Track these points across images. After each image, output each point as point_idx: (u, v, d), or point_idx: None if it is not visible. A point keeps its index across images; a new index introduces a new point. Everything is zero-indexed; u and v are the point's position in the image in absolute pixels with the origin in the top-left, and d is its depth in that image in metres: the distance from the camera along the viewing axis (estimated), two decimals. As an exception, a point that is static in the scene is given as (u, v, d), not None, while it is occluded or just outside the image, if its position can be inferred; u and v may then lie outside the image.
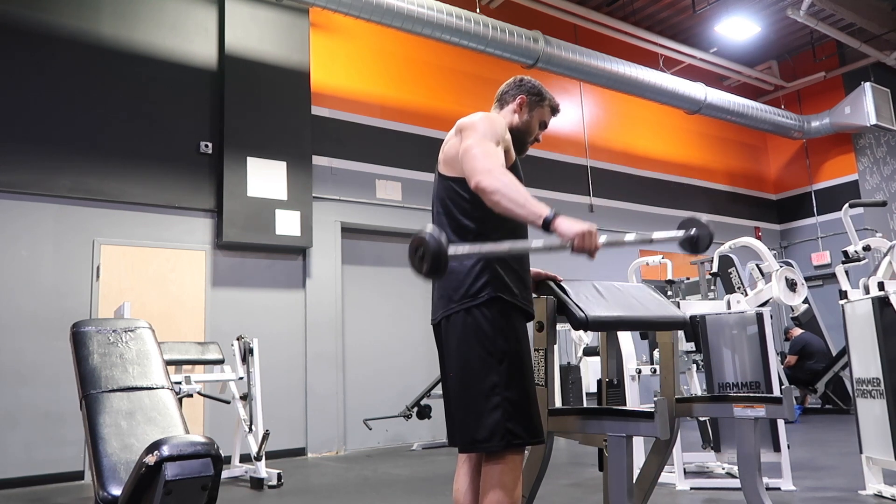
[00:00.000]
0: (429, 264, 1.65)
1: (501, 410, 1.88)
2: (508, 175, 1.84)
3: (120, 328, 2.57)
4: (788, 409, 2.31)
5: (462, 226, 2.02)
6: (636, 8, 9.06)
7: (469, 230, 2.01)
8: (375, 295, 7.18)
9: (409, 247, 1.71)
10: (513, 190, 1.79)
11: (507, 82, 2.28)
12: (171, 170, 6.00)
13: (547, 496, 3.79)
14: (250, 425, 4.84)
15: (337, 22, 7.14)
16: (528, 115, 2.22)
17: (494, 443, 1.87)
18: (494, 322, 1.93)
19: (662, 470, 2.52)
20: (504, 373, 1.91)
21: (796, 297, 4.79)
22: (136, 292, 5.67)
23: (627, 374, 4.14)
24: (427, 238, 1.65)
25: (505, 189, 1.79)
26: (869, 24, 9.07)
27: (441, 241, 1.65)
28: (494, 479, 1.89)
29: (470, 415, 1.92)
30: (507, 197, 1.78)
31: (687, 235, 2.16)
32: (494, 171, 1.83)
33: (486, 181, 1.81)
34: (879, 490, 3.51)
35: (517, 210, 1.78)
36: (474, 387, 1.92)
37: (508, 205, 1.78)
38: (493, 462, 1.91)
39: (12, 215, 5.32)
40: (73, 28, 5.75)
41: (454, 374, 1.98)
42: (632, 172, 9.62)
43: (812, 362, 7.98)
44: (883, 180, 10.39)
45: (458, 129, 2.05)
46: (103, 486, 2.02)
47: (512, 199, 1.78)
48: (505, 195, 1.78)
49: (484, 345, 1.92)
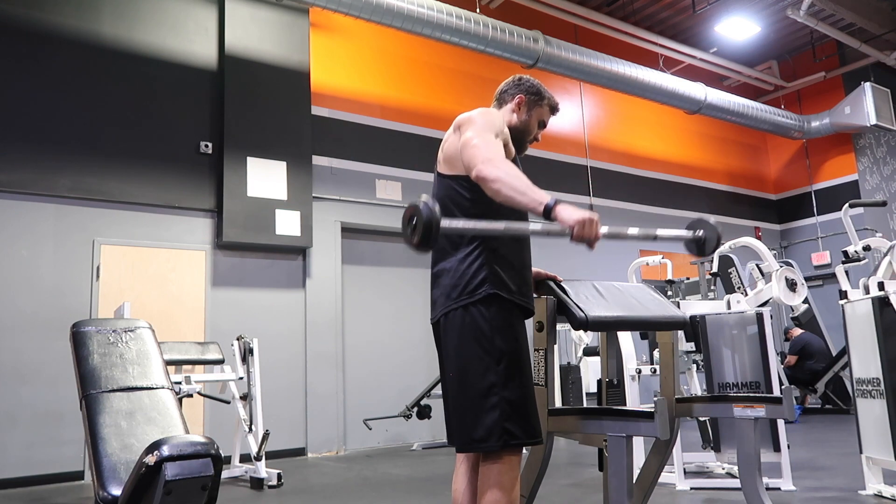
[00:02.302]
0: (420, 234, 1.62)
1: (499, 410, 1.88)
2: (509, 164, 1.84)
3: (120, 328, 2.57)
4: (788, 409, 2.31)
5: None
6: (636, 8, 9.06)
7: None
8: (375, 295, 7.18)
9: (403, 216, 1.69)
10: (514, 178, 1.78)
11: (506, 81, 2.28)
12: (171, 170, 6.00)
13: (547, 496, 3.79)
14: (250, 425, 4.84)
15: (337, 22, 7.14)
16: (527, 115, 2.22)
17: (491, 443, 1.87)
18: (492, 321, 1.93)
19: (662, 470, 2.52)
20: (502, 372, 1.90)
21: (796, 297, 4.79)
22: (136, 292, 5.67)
23: (627, 374, 4.14)
24: (421, 207, 1.63)
25: (506, 177, 1.78)
26: (869, 24, 9.07)
27: (434, 210, 1.62)
28: (492, 479, 1.89)
29: (467, 414, 1.92)
30: (509, 185, 1.77)
31: (694, 236, 2.12)
32: (495, 160, 1.83)
33: (486, 170, 1.81)
34: (879, 490, 3.51)
35: (518, 198, 1.76)
36: (472, 386, 1.91)
37: (509, 192, 1.77)
38: (491, 462, 1.91)
39: (12, 215, 5.32)
40: (73, 28, 5.75)
41: (452, 373, 1.98)
42: (632, 172, 9.62)
43: (812, 362, 7.98)
44: (883, 180, 10.40)
45: (457, 126, 2.04)
46: (103, 486, 2.02)
47: (513, 186, 1.76)
48: (506, 183, 1.77)
49: (482, 344, 1.92)
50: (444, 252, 2.04)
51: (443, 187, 2.08)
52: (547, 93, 2.25)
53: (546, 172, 8.50)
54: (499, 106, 2.25)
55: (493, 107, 2.27)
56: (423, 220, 1.59)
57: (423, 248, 1.64)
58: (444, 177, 2.08)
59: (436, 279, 2.06)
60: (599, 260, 7.87)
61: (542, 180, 9.21)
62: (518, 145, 2.22)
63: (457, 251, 2.00)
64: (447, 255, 2.03)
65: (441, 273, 2.02)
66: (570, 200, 8.66)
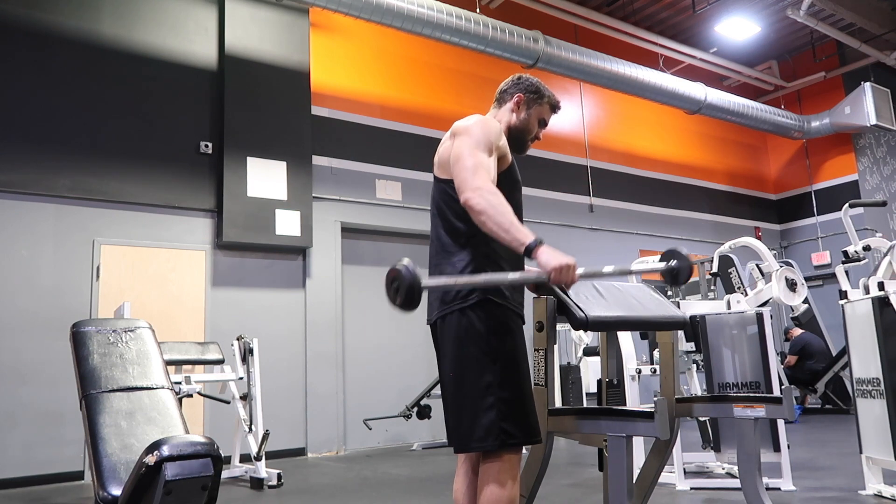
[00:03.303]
0: (402, 297, 1.69)
1: (496, 410, 1.88)
2: (497, 196, 1.86)
3: (120, 328, 2.57)
4: (788, 409, 2.31)
5: (454, 228, 2.03)
6: (636, 8, 9.06)
7: (461, 232, 2.02)
8: (375, 295, 7.18)
9: (386, 278, 1.74)
10: (499, 213, 1.82)
11: (506, 80, 2.28)
12: (171, 170, 6.00)
13: (547, 496, 3.79)
14: (250, 425, 4.84)
15: (337, 22, 7.14)
16: (526, 114, 2.22)
17: (489, 442, 1.88)
18: (487, 322, 1.94)
19: (662, 470, 2.52)
20: (498, 372, 1.91)
21: (796, 297, 4.79)
22: (136, 292, 5.67)
23: (627, 374, 4.14)
24: (402, 271, 1.69)
25: (492, 210, 1.82)
26: (869, 24, 9.07)
27: (415, 274, 1.68)
28: (491, 479, 1.90)
29: (465, 414, 1.92)
30: (494, 220, 1.82)
31: (668, 267, 2.21)
32: (483, 189, 1.85)
33: (474, 199, 1.84)
34: (879, 490, 3.51)
35: (502, 234, 1.81)
36: (469, 386, 1.93)
37: (493, 227, 1.82)
38: (490, 461, 1.91)
39: (12, 215, 5.32)
40: (73, 28, 5.75)
41: (450, 373, 1.99)
42: (632, 172, 9.62)
43: (812, 362, 7.98)
44: (883, 180, 10.40)
45: (453, 133, 2.06)
46: (103, 486, 2.02)
47: (498, 222, 1.81)
48: (491, 217, 1.82)
49: (478, 344, 1.93)
50: (442, 253, 2.05)
51: (437, 190, 2.11)
52: (547, 91, 2.25)
53: (546, 172, 8.50)
54: (499, 105, 2.25)
55: (494, 107, 2.27)
56: (406, 285, 1.67)
57: (406, 310, 1.71)
58: (439, 180, 2.10)
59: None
60: (600, 260, 7.87)
61: (542, 180, 9.20)
62: (519, 145, 2.22)
63: (451, 256, 2.02)
64: (444, 256, 2.04)
65: (438, 275, 2.03)
66: (571, 200, 8.63)
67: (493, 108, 2.27)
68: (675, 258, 2.19)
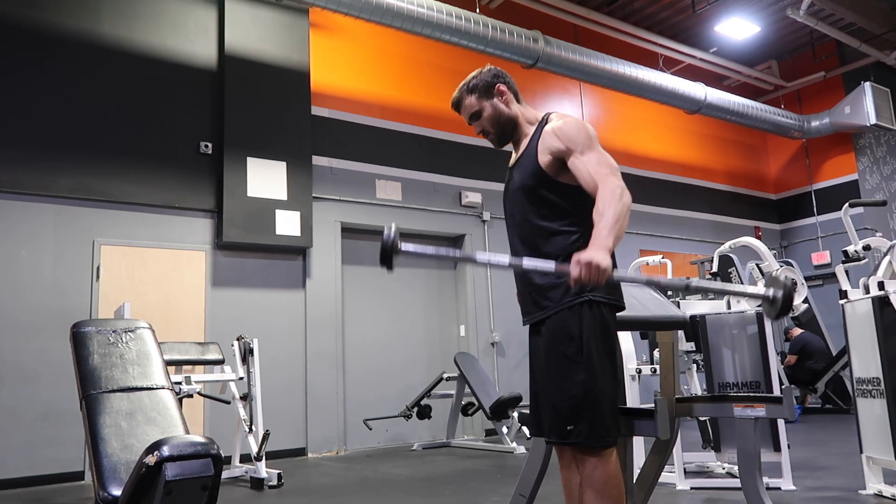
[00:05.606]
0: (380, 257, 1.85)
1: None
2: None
3: (120, 328, 2.57)
4: (788, 408, 2.31)
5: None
6: (636, 8, 9.06)
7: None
8: (375, 295, 7.18)
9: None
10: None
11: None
12: (171, 170, 6.00)
13: (547, 496, 3.78)
14: (250, 425, 4.83)
15: (337, 22, 7.14)
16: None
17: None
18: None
19: (662, 470, 2.52)
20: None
21: (796, 296, 4.79)
22: (136, 292, 5.67)
23: (627, 374, 4.14)
24: (382, 234, 1.84)
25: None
26: (869, 23, 9.06)
27: (393, 238, 1.82)
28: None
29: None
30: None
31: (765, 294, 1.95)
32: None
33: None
34: (879, 490, 3.51)
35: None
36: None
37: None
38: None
39: (12, 215, 5.32)
40: (73, 28, 5.75)
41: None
42: (632, 172, 9.60)
43: (812, 362, 7.98)
44: (883, 180, 10.39)
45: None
46: (103, 486, 2.02)
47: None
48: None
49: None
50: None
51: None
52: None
53: (546, 172, 8.48)
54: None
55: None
56: (381, 246, 1.84)
57: (384, 266, 1.86)
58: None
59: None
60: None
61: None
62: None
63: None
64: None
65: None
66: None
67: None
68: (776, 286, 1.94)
